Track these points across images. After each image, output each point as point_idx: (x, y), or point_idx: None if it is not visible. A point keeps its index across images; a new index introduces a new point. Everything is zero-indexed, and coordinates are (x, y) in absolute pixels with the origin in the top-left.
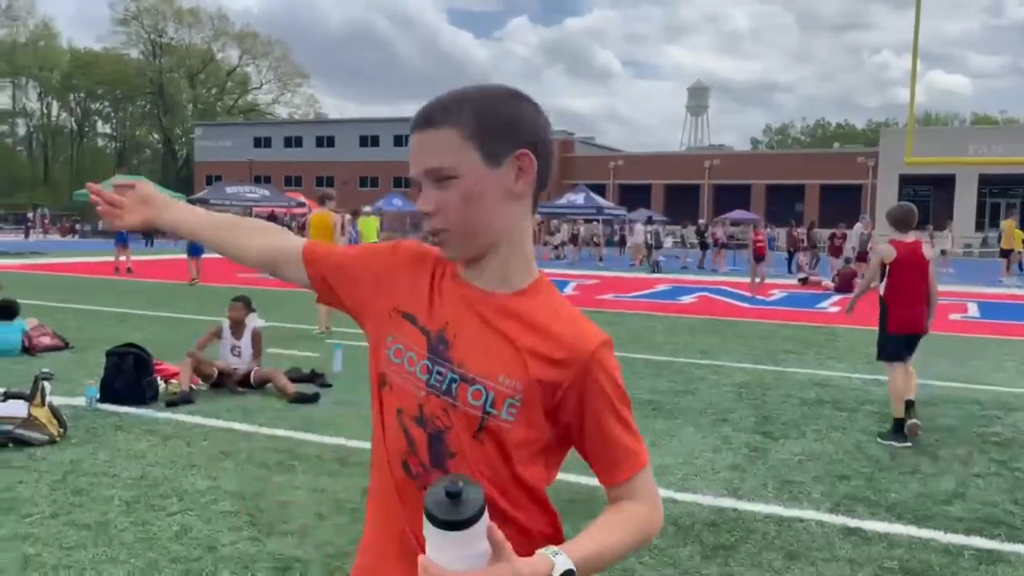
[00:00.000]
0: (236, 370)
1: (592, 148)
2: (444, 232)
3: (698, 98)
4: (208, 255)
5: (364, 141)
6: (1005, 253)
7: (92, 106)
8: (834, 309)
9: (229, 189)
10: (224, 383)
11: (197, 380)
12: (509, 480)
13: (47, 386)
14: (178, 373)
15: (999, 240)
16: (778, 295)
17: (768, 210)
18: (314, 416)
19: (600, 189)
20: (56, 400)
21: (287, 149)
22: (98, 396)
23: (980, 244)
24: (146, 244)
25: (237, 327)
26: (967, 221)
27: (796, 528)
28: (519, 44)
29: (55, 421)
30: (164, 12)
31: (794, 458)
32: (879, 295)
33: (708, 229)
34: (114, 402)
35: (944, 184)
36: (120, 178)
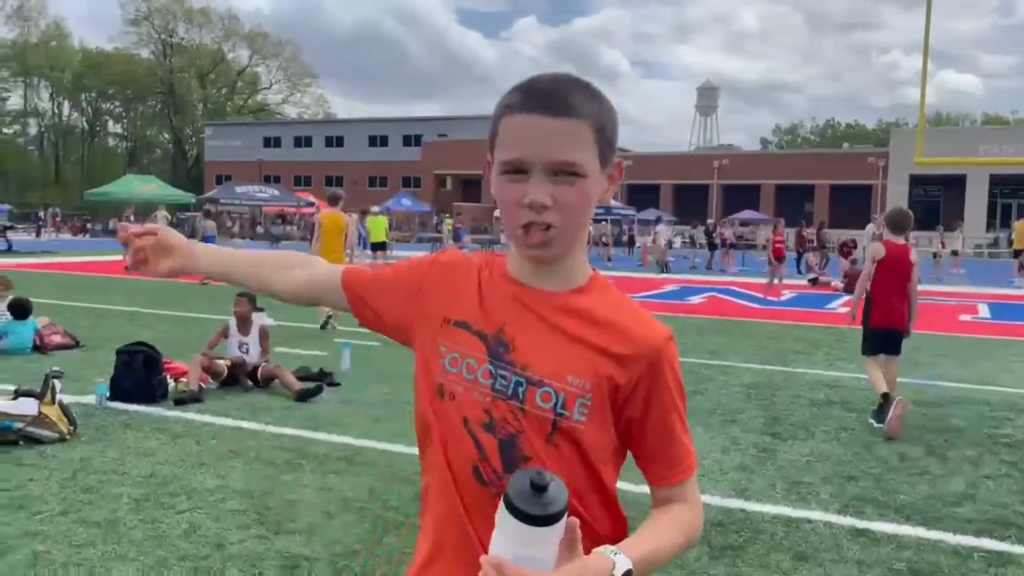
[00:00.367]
0: (245, 361)
1: None
2: (553, 229)
3: (707, 98)
4: None
5: (373, 141)
6: (1017, 253)
7: (103, 106)
8: (843, 310)
9: (239, 188)
10: (235, 375)
11: (206, 378)
12: (585, 482)
13: (57, 384)
14: (188, 372)
15: (1009, 243)
16: (788, 295)
17: (778, 210)
18: (322, 415)
19: None
20: (66, 398)
21: (297, 149)
22: (108, 394)
23: (991, 244)
24: None
25: (243, 323)
26: (978, 222)
27: (804, 529)
28: (527, 44)
29: (65, 419)
30: (175, 12)
31: (803, 459)
32: (866, 291)
33: (716, 229)
34: (124, 400)
35: (955, 184)
36: (140, 228)
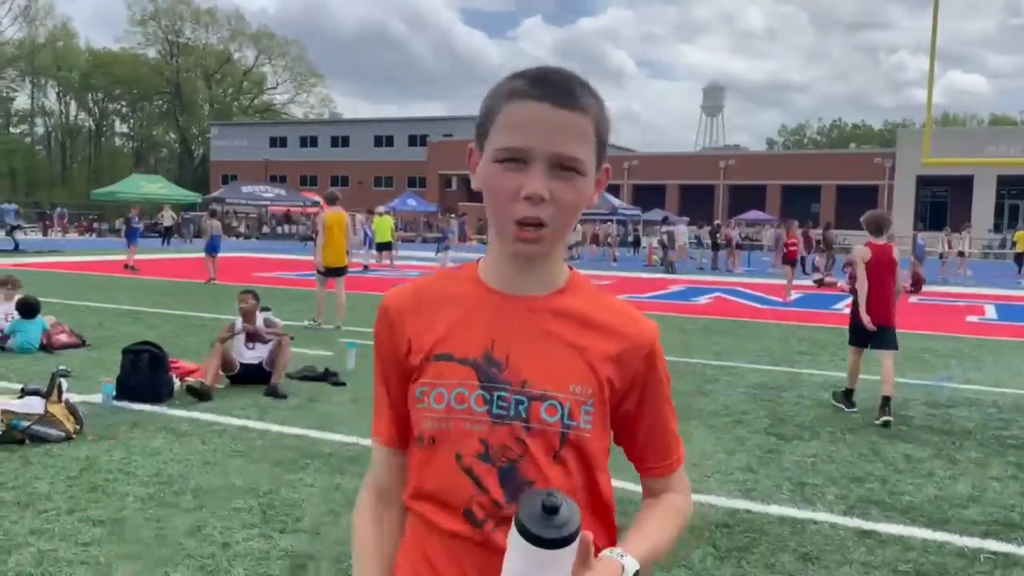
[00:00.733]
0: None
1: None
2: (545, 228)
3: (713, 98)
4: (224, 254)
5: (379, 141)
6: (1019, 256)
7: (110, 106)
8: (849, 311)
9: (245, 188)
10: (247, 369)
11: (217, 377)
12: (585, 496)
13: (64, 383)
14: (195, 370)
15: (1012, 244)
16: (793, 296)
17: (784, 211)
18: (328, 414)
19: (614, 189)
20: (73, 397)
21: (302, 149)
22: (114, 393)
23: (1000, 246)
24: (162, 243)
25: (249, 319)
26: (985, 222)
27: (810, 530)
28: (532, 44)
29: (71, 418)
30: (181, 12)
31: (808, 460)
32: (851, 288)
33: (721, 230)
34: (130, 399)
35: (961, 185)
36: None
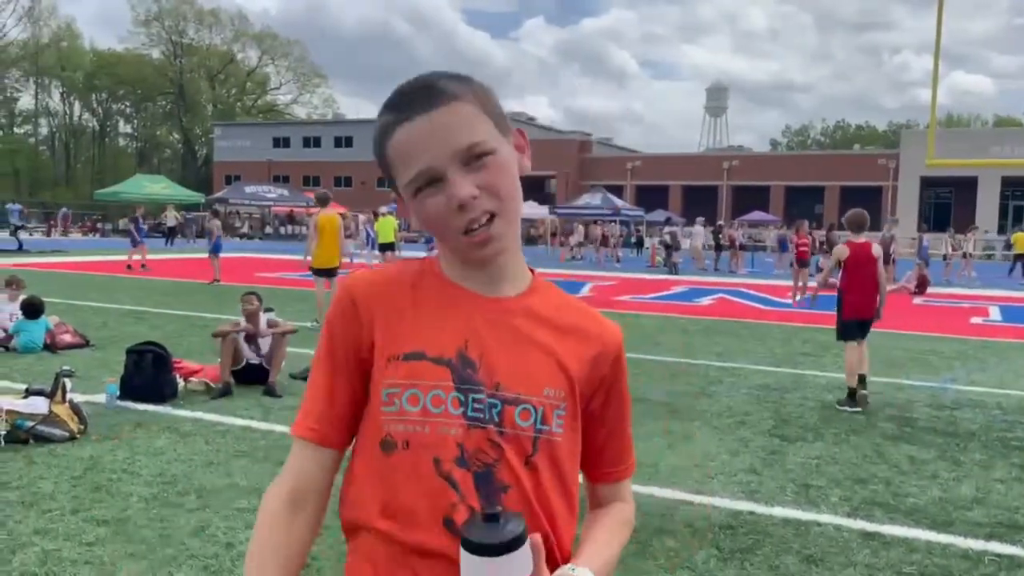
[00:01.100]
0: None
1: (609, 149)
2: (495, 217)
3: (717, 98)
4: (227, 254)
5: None
6: (1018, 258)
7: (114, 106)
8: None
9: (248, 189)
10: (250, 368)
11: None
12: (560, 500)
13: (68, 383)
14: (199, 370)
15: (1010, 246)
16: (797, 297)
17: (788, 212)
18: None
19: (617, 190)
20: (77, 397)
21: (305, 149)
22: (118, 393)
23: (1005, 248)
24: (166, 243)
25: (253, 320)
26: (989, 223)
27: (814, 532)
28: (535, 44)
29: (75, 418)
30: (184, 13)
31: (812, 461)
32: (838, 287)
33: (723, 230)
34: (134, 399)
35: (966, 186)
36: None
